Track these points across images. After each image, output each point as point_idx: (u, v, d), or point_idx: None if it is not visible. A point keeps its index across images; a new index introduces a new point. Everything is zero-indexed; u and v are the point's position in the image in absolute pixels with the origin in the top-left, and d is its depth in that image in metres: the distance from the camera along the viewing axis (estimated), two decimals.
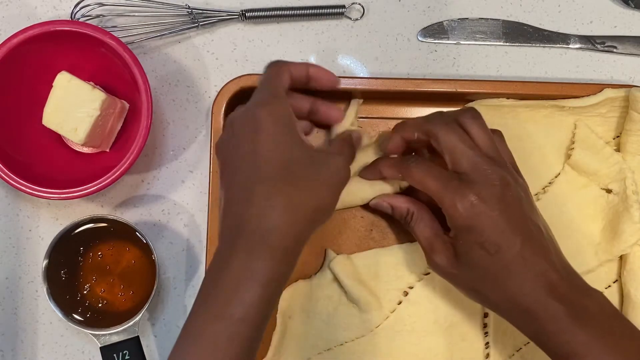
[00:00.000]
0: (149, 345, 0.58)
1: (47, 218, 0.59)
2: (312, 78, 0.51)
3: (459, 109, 0.52)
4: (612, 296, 0.56)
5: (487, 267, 0.46)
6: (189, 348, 0.42)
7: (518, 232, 0.46)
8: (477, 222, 0.46)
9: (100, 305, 0.56)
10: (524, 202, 0.48)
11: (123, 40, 0.54)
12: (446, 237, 0.49)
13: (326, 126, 0.56)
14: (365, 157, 0.55)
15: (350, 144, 0.52)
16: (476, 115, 0.50)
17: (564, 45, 0.60)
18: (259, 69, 0.59)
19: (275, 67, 0.50)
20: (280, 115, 0.46)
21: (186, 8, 0.58)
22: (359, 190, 0.54)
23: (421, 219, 0.51)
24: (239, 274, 0.42)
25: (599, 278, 0.56)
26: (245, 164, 0.45)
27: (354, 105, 0.57)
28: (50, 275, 0.55)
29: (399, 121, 0.53)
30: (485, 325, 0.56)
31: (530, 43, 0.60)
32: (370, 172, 0.54)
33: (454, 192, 0.47)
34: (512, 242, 0.46)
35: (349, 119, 0.56)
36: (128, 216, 0.58)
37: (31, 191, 0.53)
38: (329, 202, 0.47)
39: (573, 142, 0.56)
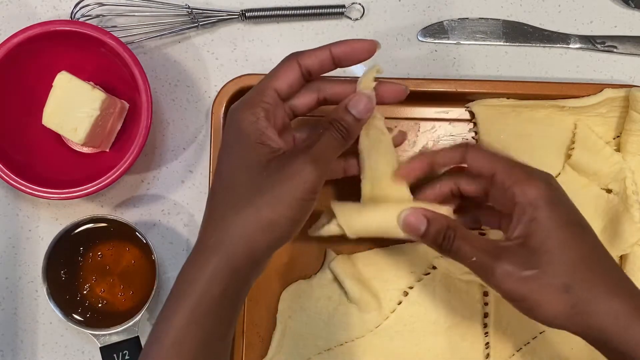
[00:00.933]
0: None
1: (47, 218, 0.59)
2: (340, 59, 0.46)
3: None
4: None
5: (579, 248, 0.41)
6: None
7: (583, 218, 0.44)
8: (556, 194, 0.42)
9: (100, 305, 0.56)
10: None
11: (123, 40, 0.54)
12: (507, 241, 0.43)
13: None
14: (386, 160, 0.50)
15: (337, 124, 0.44)
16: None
17: (564, 45, 0.60)
18: (259, 68, 0.59)
19: (281, 62, 0.46)
20: (242, 127, 0.43)
21: (186, 8, 0.58)
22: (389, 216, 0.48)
23: (466, 232, 0.44)
24: (175, 297, 0.42)
25: None
26: (213, 179, 0.45)
27: (368, 74, 0.46)
28: (50, 275, 0.55)
29: (396, 120, 0.53)
30: (485, 326, 0.56)
31: (530, 43, 0.60)
32: (405, 170, 0.48)
33: (521, 170, 0.44)
34: (590, 223, 0.43)
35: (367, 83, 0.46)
36: (128, 216, 0.58)
37: (31, 191, 0.53)
38: (281, 214, 0.41)
39: (573, 142, 0.56)
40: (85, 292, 0.56)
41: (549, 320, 0.42)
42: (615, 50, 0.60)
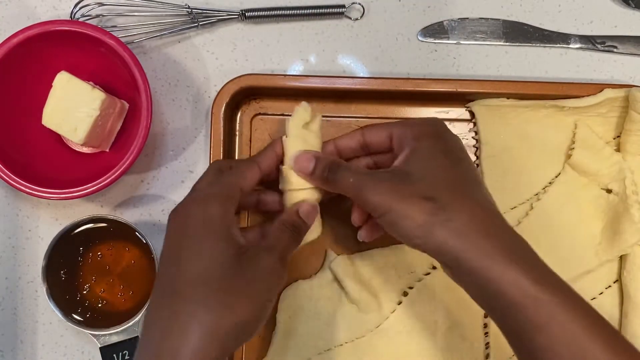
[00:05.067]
0: None
1: (46, 218, 0.59)
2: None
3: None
4: (613, 296, 0.56)
5: (449, 170, 0.44)
6: None
7: (462, 149, 0.47)
8: (438, 129, 0.46)
9: (99, 305, 0.56)
10: None
11: (123, 40, 0.54)
12: (386, 169, 0.46)
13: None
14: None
15: (292, 227, 0.46)
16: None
17: (564, 45, 0.60)
18: (259, 68, 0.59)
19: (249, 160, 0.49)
20: (209, 218, 0.42)
21: (186, 8, 0.58)
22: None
23: (350, 164, 0.48)
24: None
25: (600, 278, 0.56)
26: (166, 273, 0.42)
27: (300, 113, 0.50)
28: (50, 275, 0.55)
29: (397, 120, 0.53)
30: (485, 326, 0.56)
31: (530, 43, 0.60)
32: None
33: (413, 120, 0.48)
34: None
35: (293, 130, 0.49)
36: (128, 216, 0.58)
37: (31, 191, 0.52)
38: (254, 315, 0.41)
39: (573, 142, 0.56)
40: (85, 292, 0.56)
41: (410, 235, 0.42)
42: (615, 50, 0.60)
